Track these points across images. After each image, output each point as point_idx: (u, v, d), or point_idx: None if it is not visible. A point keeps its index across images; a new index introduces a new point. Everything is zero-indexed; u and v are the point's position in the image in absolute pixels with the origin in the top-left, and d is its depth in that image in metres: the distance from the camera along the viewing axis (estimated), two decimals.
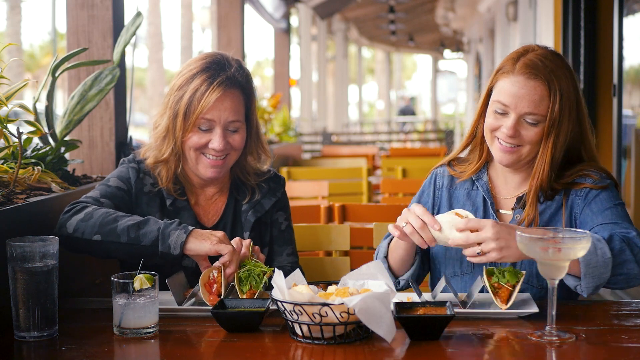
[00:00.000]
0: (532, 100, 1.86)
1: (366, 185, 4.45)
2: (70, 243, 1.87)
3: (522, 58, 1.90)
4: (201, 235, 1.81)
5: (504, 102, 1.88)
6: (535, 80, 1.86)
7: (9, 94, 2.08)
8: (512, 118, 1.88)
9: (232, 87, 1.99)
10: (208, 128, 1.98)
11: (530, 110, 1.86)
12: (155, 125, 2.05)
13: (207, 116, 1.96)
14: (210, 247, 1.79)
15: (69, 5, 2.87)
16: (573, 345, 1.53)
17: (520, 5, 8.71)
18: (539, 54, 1.90)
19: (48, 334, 1.60)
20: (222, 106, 1.97)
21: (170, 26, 56.57)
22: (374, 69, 38.32)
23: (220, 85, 1.96)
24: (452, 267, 2.03)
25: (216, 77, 1.97)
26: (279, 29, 9.71)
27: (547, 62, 1.88)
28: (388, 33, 21.57)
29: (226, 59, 2.03)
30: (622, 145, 4.84)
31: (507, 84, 1.89)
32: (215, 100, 1.95)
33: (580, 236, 1.55)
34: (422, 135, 19.31)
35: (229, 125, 1.99)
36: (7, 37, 12.98)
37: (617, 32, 4.79)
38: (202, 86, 1.95)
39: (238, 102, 2.01)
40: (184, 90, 1.98)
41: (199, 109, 1.95)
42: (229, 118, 1.98)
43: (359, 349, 1.51)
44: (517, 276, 1.73)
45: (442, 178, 2.09)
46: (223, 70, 1.99)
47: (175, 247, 1.79)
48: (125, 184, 2.03)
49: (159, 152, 2.02)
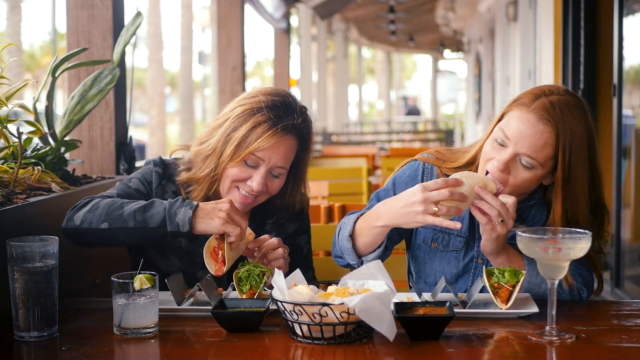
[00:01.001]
0: (535, 144, 1.81)
1: (366, 185, 4.45)
2: (79, 235, 1.86)
3: (542, 97, 1.83)
4: (207, 213, 1.80)
5: (507, 134, 1.84)
6: (545, 125, 1.80)
7: (9, 94, 2.08)
8: (508, 153, 1.83)
9: (292, 134, 1.96)
10: (254, 165, 1.95)
11: (528, 153, 1.81)
12: (201, 140, 2.02)
13: (259, 154, 1.93)
14: (219, 227, 1.78)
15: (69, 5, 2.87)
16: (573, 345, 1.53)
17: (520, 5, 8.70)
18: (562, 100, 1.83)
19: (48, 334, 1.60)
20: (277, 150, 1.94)
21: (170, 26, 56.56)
22: (374, 69, 38.31)
23: (283, 131, 1.93)
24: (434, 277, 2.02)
25: (282, 120, 1.94)
26: (279, 29, 9.71)
27: (566, 111, 1.81)
28: (388, 33, 21.56)
29: (295, 104, 2.00)
30: (622, 145, 4.83)
31: (517, 118, 1.83)
32: (273, 143, 1.92)
33: (580, 236, 1.56)
34: (422, 135, 19.31)
35: (274, 169, 1.96)
36: (7, 37, 12.96)
37: (617, 32, 4.79)
38: (265, 125, 1.92)
39: (292, 150, 1.98)
40: (244, 120, 1.94)
41: (254, 145, 1.91)
42: (277, 163, 1.95)
43: (359, 349, 1.51)
44: (517, 276, 1.73)
45: (430, 175, 2.02)
46: (290, 115, 1.96)
47: (183, 224, 1.79)
48: (146, 188, 2.02)
49: (197, 169, 2.00)
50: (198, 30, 27.35)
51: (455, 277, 2.01)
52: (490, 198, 1.77)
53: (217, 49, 6.61)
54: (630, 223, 4.87)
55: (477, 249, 1.99)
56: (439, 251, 2.02)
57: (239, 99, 2.02)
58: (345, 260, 1.96)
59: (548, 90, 1.86)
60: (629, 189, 4.89)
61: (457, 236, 1.99)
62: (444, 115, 31.52)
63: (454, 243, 2.00)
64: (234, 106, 2.00)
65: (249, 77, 27.74)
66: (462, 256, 2.00)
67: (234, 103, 2.01)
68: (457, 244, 1.99)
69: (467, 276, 2.00)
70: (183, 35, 18.13)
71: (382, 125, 24.30)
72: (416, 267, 2.08)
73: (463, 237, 1.99)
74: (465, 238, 1.99)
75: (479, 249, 1.97)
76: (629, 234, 4.89)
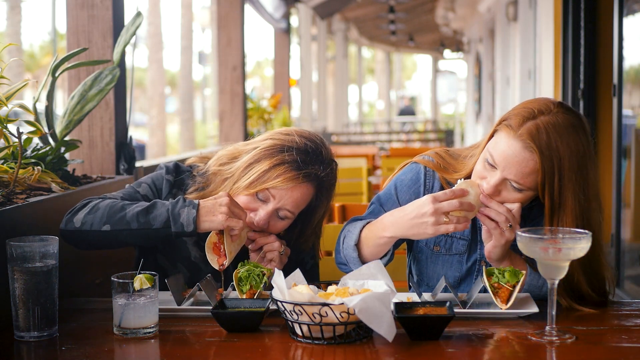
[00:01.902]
0: (521, 171, 1.78)
1: (366, 185, 4.45)
2: (79, 238, 1.85)
3: (530, 120, 1.77)
4: (210, 211, 1.80)
5: (495, 159, 1.81)
6: (531, 153, 1.76)
7: (9, 94, 2.08)
8: (497, 177, 1.81)
9: (312, 183, 1.93)
10: (263, 199, 1.92)
11: (516, 179, 1.79)
12: (222, 160, 1.99)
13: (272, 192, 1.90)
14: (223, 222, 1.78)
15: (69, 5, 2.87)
16: (573, 345, 1.53)
17: (520, 5, 8.70)
18: (552, 122, 1.76)
19: (48, 334, 1.60)
20: (291, 193, 1.91)
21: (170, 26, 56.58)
22: (374, 69, 38.31)
23: (305, 177, 1.90)
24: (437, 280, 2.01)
25: (307, 167, 1.91)
26: (279, 29, 9.71)
27: (555, 136, 1.75)
28: (388, 33, 21.55)
29: (326, 155, 1.96)
30: (622, 145, 4.83)
31: (504, 143, 1.80)
32: (290, 186, 1.89)
33: (580, 236, 1.56)
34: (422, 135, 19.31)
35: (281, 210, 1.93)
36: (7, 37, 12.97)
37: (617, 32, 4.79)
38: (289, 166, 1.89)
39: (306, 198, 1.94)
40: (270, 155, 1.91)
41: (271, 183, 1.89)
42: (286, 205, 1.92)
43: (359, 349, 1.51)
44: (517, 276, 1.73)
45: (432, 180, 2.01)
46: (317, 164, 1.93)
47: (188, 224, 1.79)
48: (155, 195, 2.01)
49: (211, 191, 1.97)
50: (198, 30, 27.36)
51: (458, 280, 2.00)
52: (496, 205, 1.79)
53: (217, 49, 6.61)
54: (630, 223, 4.87)
55: (479, 251, 1.98)
56: (441, 254, 2.01)
57: (272, 132, 1.99)
58: (349, 268, 1.93)
59: (537, 110, 1.79)
60: (629, 189, 4.89)
61: (460, 239, 1.98)
62: (444, 115, 31.52)
63: (457, 246, 1.99)
64: (266, 137, 1.97)
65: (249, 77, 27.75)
66: (465, 259, 1.99)
67: (267, 134, 1.99)
68: (460, 247, 1.98)
69: (470, 279, 1.99)
70: (183, 35, 18.13)
71: (382, 125, 24.30)
72: (418, 270, 2.07)
73: (466, 240, 1.98)
74: (468, 241, 1.98)
75: (482, 252, 1.97)
76: (629, 234, 4.89)
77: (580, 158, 1.78)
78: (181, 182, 2.03)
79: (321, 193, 1.98)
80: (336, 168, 2.00)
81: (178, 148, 19.64)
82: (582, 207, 1.79)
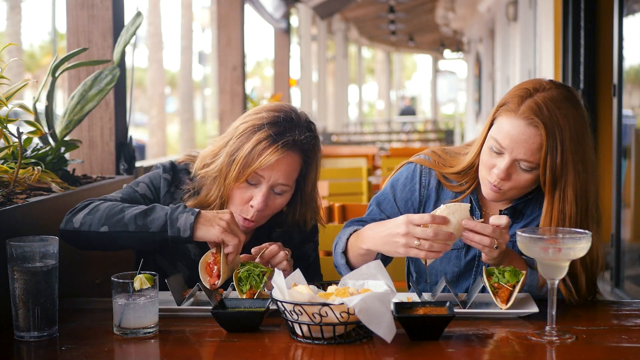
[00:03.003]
0: (530, 148, 1.80)
1: (366, 185, 4.45)
2: (78, 238, 1.85)
3: (528, 99, 1.80)
4: (208, 221, 1.79)
5: (501, 143, 1.83)
6: (535, 128, 1.78)
7: (9, 94, 2.08)
8: (506, 161, 1.82)
9: (293, 149, 1.91)
10: (255, 183, 1.92)
11: (526, 158, 1.81)
12: (206, 161, 1.98)
13: (260, 173, 1.90)
14: (218, 234, 1.77)
15: (69, 5, 2.87)
16: (573, 345, 1.53)
17: (520, 5, 8.71)
18: (548, 96, 1.80)
19: (48, 334, 1.60)
20: (277, 167, 1.89)
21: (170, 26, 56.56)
22: (374, 69, 38.31)
23: (284, 147, 1.88)
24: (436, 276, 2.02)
25: (282, 136, 1.89)
26: (279, 29, 9.71)
27: (553, 109, 1.78)
28: (388, 33, 21.56)
29: (298, 119, 1.94)
30: (622, 145, 4.83)
31: (507, 125, 1.82)
32: (274, 161, 1.88)
33: (580, 236, 1.56)
34: (422, 135, 19.31)
35: (276, 187, 1.93)
36: (7, 37, 12.97)
37: (617, 32, 4.79)
38: (266, 143, 1.87)
39: (294, 167, 1.93)
40: (247, 139, 1.90)
41: (256, 164, 1.87)
42: (278, 180, 1.91)
43: (359, 349, 1.51)
44: (517, 276, 1.73)
45: (428, 176, 2.03)
46: (291, 130, 1.91)
47: (184, 230, 1.78)
48: (153, 194, 2.00)
49: (206, 194, 1.96)
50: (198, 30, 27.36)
51: (457, 275, 2.00)
52: (481, 227, 1.74)
53: (217, 49, 6.62)
54: (630, 223, 4.87)
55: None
56: None
57: (243, 116, 1.99)
58: (342, 273, 1.95)
59: (533, 88, 1.83)
60: (629, 189, 4.89)
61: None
62: (444, 115, 31.53)
63: (455, 242, 1.99)
64: (238, 124, 1.97)
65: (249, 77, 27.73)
66: (463, 254, 2.00)
67: (239, 120, 1.98)
68: (458, 242, 1.98)
69: (470, 274, 1.99)
70: (183, 35, 18.13)
71: (382, 125, 24.30)
72: (417, 267, 2.08)
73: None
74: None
75: None
76: (629, 234, 4.89)
77: (578, 129, 1.81)
78: (178, 180, 2.03)
79: (307, 157, 1.96)
80: (315, 129, 1.99)
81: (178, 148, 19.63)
82: (581, 179, 1.82)
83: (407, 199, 2.03)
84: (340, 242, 1.96)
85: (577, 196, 1.81)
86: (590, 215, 1.85)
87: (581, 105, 1.85)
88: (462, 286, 2.00)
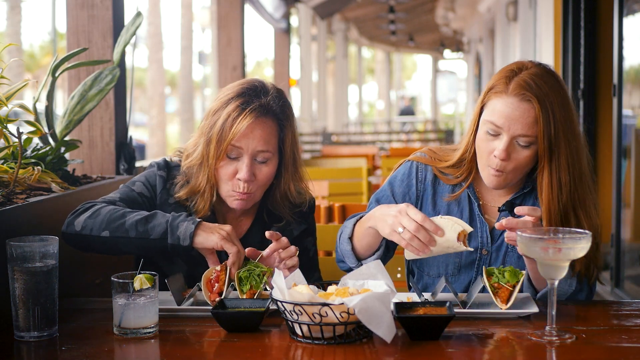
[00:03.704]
0: (526, 122, 1.84)
1: (366, 185, 4.45)
2: (79, 241, 1.86)
3: (515, 78, 1.86)
4: (209, 228, 1.80)
5: (496, 124, 1.86)
6: (528, 102, 1.83)
7: (9, 94, 2.08)
8: (505, 140, 1.86)
9: (264, 115, 1.93)
10: (236, 156, 1.93)
11: (523, 132, 1.84)
12: (188, 152, 2.01)
13: (237, 144, 1.91)
14: (218, 241, 1.78)
15: (69, 5, 2.87)
16: (573, 345, 1.53)
17: (520, 5, 8.71)
18: (532, 73, 1.87)
19: (48, 334, 1.60)
20: (252, 135, 1.91)
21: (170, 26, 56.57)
22: (374, 69, 38.31)
23: (252, 112, 1.90)
24: (437, 268, 2.03)
25: (249, 103, 1.92)
26: (279, 29, 9.72)
27: (541, 83, 1.85)
28: (388, 33, 21.57)
29: (263, 86, 1.98)
30: (622, 145, 4.83)
31: (500, 105, 1.86)
32: (245, 127, 1.89)
33: (580, 236, 1.55)
34: (422, 135, 19.31)
35: (257, 155, 1.94)
36: (7, 37, 12.97)
37: (617, 32, 4.79)
38: (235, 112, 1.91)
39: (269, 132, 1.94)
40: (218, 116, 1.93)
41: (230, 135, 1.90)
42: (257, 147, 1.92)
43: (359, 349, 1.51)
44: (517, 276, 1.73)
45: (424, 172, 2.06)
46: (257, 97, 1.94)
47: (184, 238, 1.79)
48: (150, 192, 2.01)
49: (195, 182, 1.98)
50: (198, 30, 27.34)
51: (458, 268, 2.01)
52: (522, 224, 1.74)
53: (217, 49, 6.62)
54: (630, 223, 4.87)
55: (480, 239, 2.00)
56: None
57: (214, 98, 2.04)
58: (347, 265, 1.98)
59: (517, 68, 1.90)
60: (629, 189, 4.89)
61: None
62: (444, 115, 31.53)
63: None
64: (209, 106, 2.01)
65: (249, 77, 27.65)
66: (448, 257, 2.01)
67: (210, 103, 2.02)
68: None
69: (472, 267, 2.00)
70: (183, 35, 18.12)
71: (382, 125, 24.30)
72: (418, 261, 2.08)
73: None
74: None
75: (483, 239, 1.99)
76: (629, 234, 4.89)
77: (563, 100, 1.88)
78: (173, 176, 2.04)
79: (280, 120, 1.97)
80: (283, 94, 2.02)
81: None
82: (572, 147, 1.88)
83: (405, 193, 2.06)
84: (346, 229, 1.98)
85: (570, 164, 1.87)
86: (585, 181, 1.91)
87: (561, 80, 1.94)
88: (464, 280, 2.01)
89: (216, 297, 1.77)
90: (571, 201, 1.88)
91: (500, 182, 1.91)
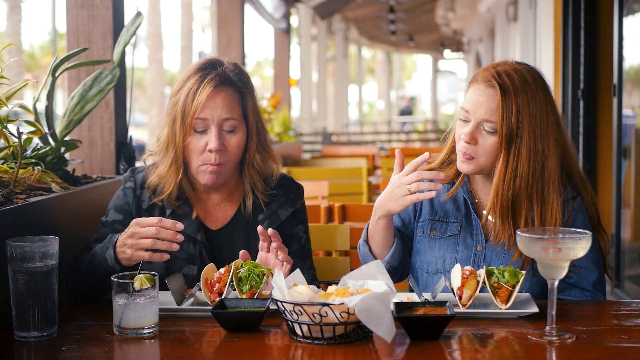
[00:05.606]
0: (489, 107, 1.91)
1: (366, 185, 4.45)
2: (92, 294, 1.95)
3: (490, 69, 1.96)
4: (120, 245, 1.83)
5: (465, 108, 1.96)
6: (493, 88, 1.91)
7: (9, 94, 2.08)
8: (471, 124, 1.94)
9: (223, 84, 1.99)
10: (204, 129, 1.98)
11: (487, 117, 1.91)
12: (160, 138, 2.05)
13: (201, 115, 1.97)
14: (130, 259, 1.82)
15: (69, 5, 2.87)
16: (573, 345, 1.53)
17: (520, 5, 8.71)
18: (509, 67, 1.95)
19: (48, 334, 1.60)
20: (214, 104, 1.97)
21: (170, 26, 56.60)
22: (374, 69, 38.30)
23: (211, 82, 1.97)
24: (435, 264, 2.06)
25: (207, 76, 1.98)
26: (279, 29, 9.71)
27: (514, 75, 1.92)
28: (388, 33, 21.56)
29: (218, 60, 2.05)
30: (622, 145, 4.83)
31: (470, 92, 1.96)
32: (206, 98, 1.96)
33: (580, 236, 1.55)
34: (422, 135, 19.30)
35: (223, 124, 1.99)
36: (7, 37, 12.98)
37: (617, 32, 4.79)
38: (194, 86, 1.97)
39: (231, 99, 2.00)
40: (179, 95, 1.99)
41: (192, 109, 1.96)
42: (222, 115, 1.98)
43: (359, 349, 1.51)
44: (517, 276, 1.73)
45: None
46: (214, 68, 2.01)
47: (114, 265, 1.85)
48: (123, 213, 2.05)
49: (162, 165, 2.02)
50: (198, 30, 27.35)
51: (455, 262, 2.02)
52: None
53: (217, 49, 6.61)
54: (630, 223, 4.87)
55: (475, 236, 2.03)
56: (437, 239, 2.06)
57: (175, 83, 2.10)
58: None
59: (497, 64, 1.99)
60: (629, 189, 4.89)
61: (454, 222, 2.06)
62: (444, 115, 31.51)
63: (451, 229, 2.06)
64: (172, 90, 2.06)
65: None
66: (459, 241, 2.04)
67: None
68: (454, 229, 2.06)
69: (467, 263, 2.02)
70: (183, 35, 18.13)
71: (382, 125, 24.30)
72: (417, 259, 2.10)
73: (459, 223, 2.06)
74: (462, 224, 2.05)
75: (477, 236, 2.02)
76: (629, 234, 4.89)
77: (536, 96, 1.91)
78: (142, 180, 2.08)
79: (239, 88, 2.03)
80: (238, 64, 2.08)
81: None
82: (536, 141, 1.91)
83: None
84: (363, 233, 2.08)
85: (532, 157, 1.91)
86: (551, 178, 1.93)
87: (540, 79, 1.96)
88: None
89: (216, 297, 1.77)
90: (527, 194, 1.92)
91: (472, 167, 1.96)
